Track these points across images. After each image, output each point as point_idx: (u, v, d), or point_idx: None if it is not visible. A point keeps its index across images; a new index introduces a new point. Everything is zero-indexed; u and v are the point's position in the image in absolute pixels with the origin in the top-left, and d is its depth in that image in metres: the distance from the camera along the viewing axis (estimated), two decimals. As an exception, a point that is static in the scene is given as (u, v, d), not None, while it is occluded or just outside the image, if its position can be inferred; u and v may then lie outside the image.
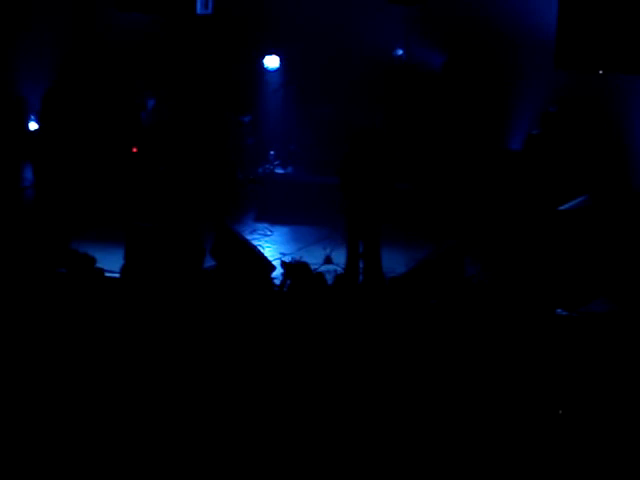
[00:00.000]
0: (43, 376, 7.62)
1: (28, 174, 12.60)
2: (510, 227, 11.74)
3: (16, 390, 7.45)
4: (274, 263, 10.76)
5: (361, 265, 10.67)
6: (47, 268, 9.65)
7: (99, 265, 9.34)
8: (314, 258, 11.25)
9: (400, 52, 13.46)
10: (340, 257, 11.16)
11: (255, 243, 11.65)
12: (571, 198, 11.16)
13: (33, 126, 13.08)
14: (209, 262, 10.66)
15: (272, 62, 13.89)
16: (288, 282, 9.11)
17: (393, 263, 10.90)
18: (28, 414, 7.22)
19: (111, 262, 10.27)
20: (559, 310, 9.55)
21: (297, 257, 10.44)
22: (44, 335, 8.06)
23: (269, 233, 13.06)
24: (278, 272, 10.30)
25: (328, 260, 11.35)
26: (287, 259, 10.37)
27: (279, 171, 13.89)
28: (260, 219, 13.48)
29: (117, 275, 9.90)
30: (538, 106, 12.42)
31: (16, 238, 10.64)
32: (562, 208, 11.04)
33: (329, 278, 9.60)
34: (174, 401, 7.43)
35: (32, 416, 7.21)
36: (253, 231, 12.94)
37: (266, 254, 11.32)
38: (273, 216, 13.40)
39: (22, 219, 11.74)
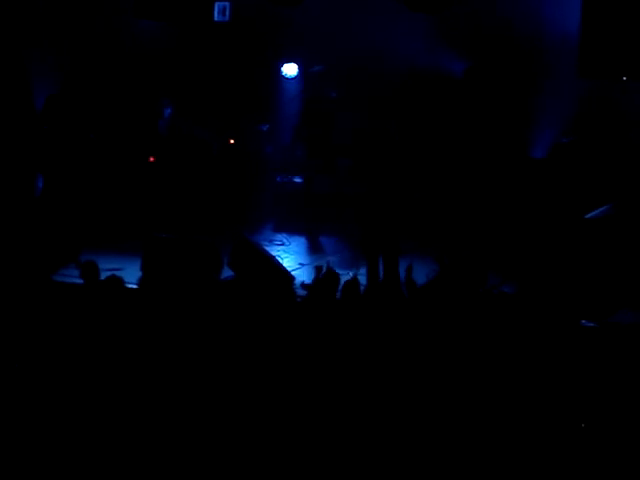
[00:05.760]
0: (57, 387, 7.51)
1: (40, 183, 12.52)
2: (533, 236, 11.63)
3: (31, 398, 7.37)
4: (293, 274, 10.69)
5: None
6: (53, 278, 9.66)
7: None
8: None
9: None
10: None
11: (273, 253, 11.56)
12: (596, 207, 11.07)
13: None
14: (227, 273, 10.60)
15: (290, 70, 13.78)
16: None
17: (413, 274, 10.78)
18: (42, 425, 7.16)
19: (128, 273, 10.20)
20: (584, 321, 9.40)
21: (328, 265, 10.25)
22: (58, 346, 7.98)
23: (287, 243, 12.99)
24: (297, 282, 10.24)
25: None
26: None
27: (297, 180, 13.78)
28: (278, 229, 13.41)
29: (134, 286, 9.81)
30: (562, 113, 12.32)
31: (27, 248, 10.62)
32: (587, 217, 10.96)
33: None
34: (192, 414, 7.31)
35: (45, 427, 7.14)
36: (271, 241, 12.88)
37: (284, 264, 11.22)
38: (291, 226, 13.32)
39: (34, 229, 11.66)
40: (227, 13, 11.63)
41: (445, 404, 7.39)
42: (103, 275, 8.99)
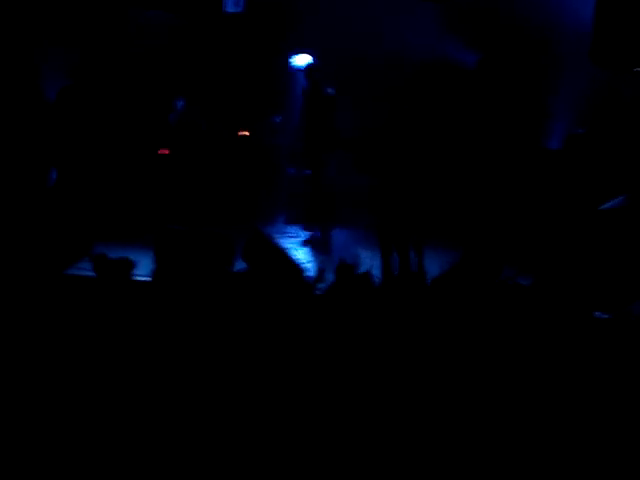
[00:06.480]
0: (66, 382, 7.49)
1: (54, 175, 12.52)
2: (548, 227, 11.59)
3: (39, 393, 7.34)
4: (305, 266, 10.65)
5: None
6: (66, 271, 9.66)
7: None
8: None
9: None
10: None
11: (286, 246, 11.53)
12: (610, 198, 11.04)
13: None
14: (240, 265, 10.58)
15: (301, 61, 13.70)
16: (326, 284, 8.92)
17: (427, 266, 10.77)
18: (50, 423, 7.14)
19: (141, 265, 10.19)
20: (598, 313, 9.37)
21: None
22: (68, 340, 7.95)
23: (300, 236, 12.96)
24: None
25: None
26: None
27: (309, 172, 13.73)
28: (291, 222, 13.38)
29: (147, 279, 9.79)
30: (578, 103, 12.27)
31: (40, 241, 10.61)
32: (601, 208, 10.93)
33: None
34: (204, 410, 7.29)
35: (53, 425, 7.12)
36: (283, 234, 12.85)
37: (297, 257, 11.19)
38: (304, 219, 13.29)
39: (47, 221, 11.65)
40: (241, 3, 11.59)
41: (458, 397, 7.37)
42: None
